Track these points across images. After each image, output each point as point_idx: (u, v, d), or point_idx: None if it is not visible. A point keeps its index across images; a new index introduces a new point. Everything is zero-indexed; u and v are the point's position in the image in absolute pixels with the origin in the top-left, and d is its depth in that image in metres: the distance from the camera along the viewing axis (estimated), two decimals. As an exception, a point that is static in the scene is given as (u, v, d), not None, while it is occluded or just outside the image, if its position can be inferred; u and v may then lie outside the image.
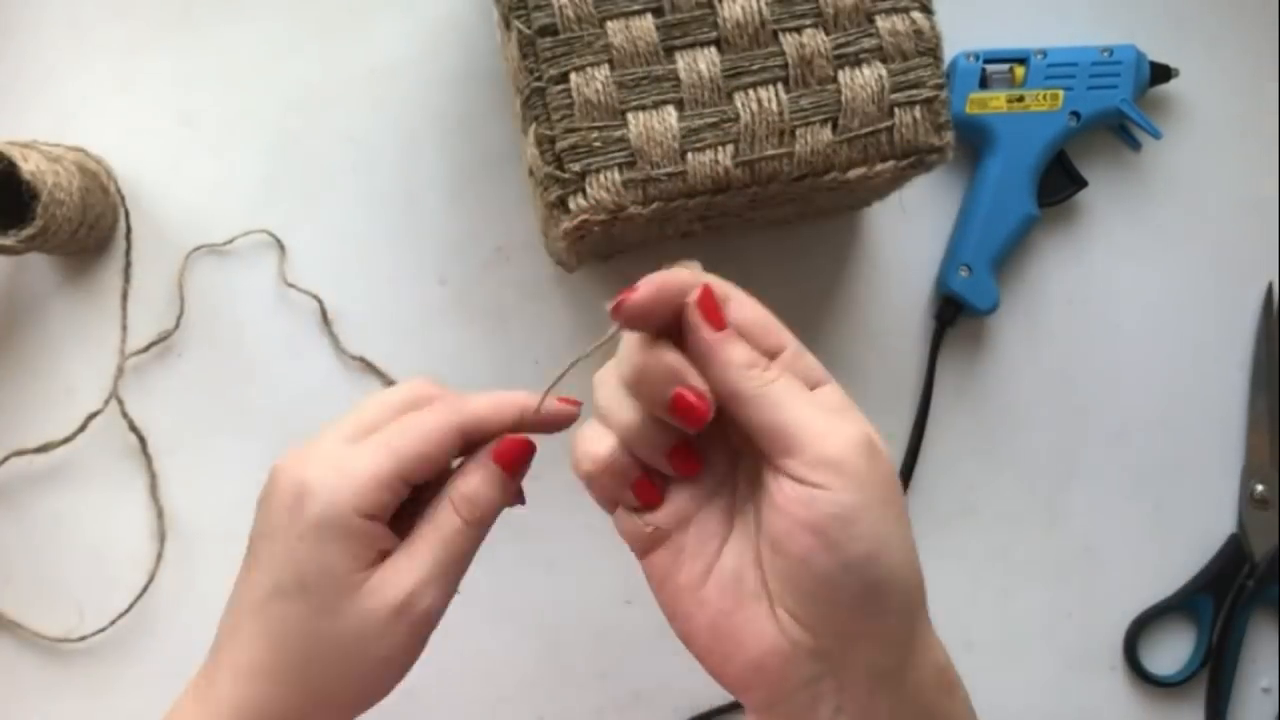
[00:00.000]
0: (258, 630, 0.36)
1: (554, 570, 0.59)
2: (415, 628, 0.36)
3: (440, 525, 0.37)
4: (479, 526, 0.38)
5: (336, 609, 0.35)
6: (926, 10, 0.48)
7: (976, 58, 0.60)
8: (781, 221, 0.59)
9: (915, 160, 0.48)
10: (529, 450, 0.39)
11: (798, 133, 0.47)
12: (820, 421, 0.33)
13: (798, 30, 0.47)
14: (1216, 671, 0.60)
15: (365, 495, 0.35)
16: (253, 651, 0.36)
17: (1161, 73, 0.61)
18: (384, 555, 0.37)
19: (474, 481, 0.37)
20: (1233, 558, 0.61)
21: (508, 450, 0.38)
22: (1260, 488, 0.61)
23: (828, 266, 0.61)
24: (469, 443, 0.38)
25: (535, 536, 0.59)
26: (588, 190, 0.46)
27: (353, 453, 0.36)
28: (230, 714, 0.36)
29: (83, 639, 0.57)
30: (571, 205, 0.46)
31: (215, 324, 0.59)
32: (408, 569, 0.36)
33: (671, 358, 0.34)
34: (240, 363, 0.59)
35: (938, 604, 0.36)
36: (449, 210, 0.60)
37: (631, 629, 0.58)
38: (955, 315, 0.60)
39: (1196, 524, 0.62)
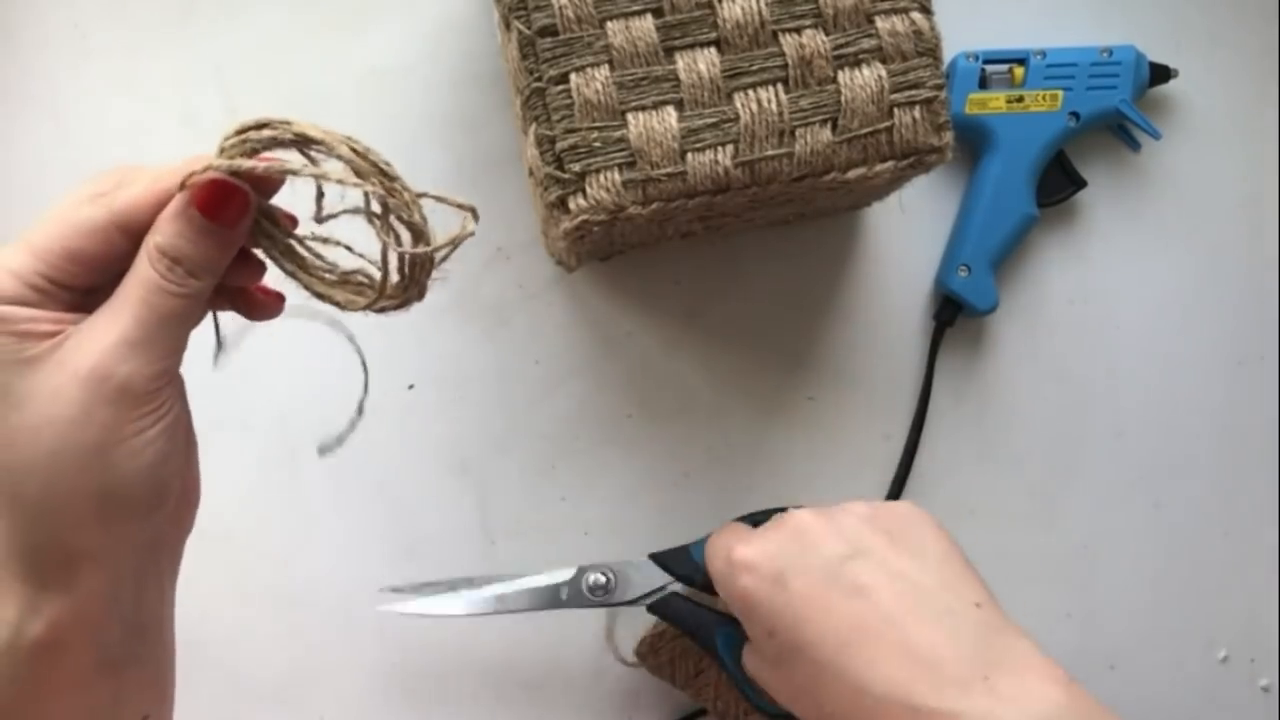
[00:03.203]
0: None
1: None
2: (123, 400, 0.31)
3: (139, 283, 0.32)
4: (187, 283, 0.32)
5: (16, 394, 0.30)
6: (926, 10, 0.48)
7: (976, 58, 0.60)
8: (781, 221, 0.59)
9: (915, 160, 0.48)
10: (232, 191, 0.33)
11: (798, 133, 0.47)
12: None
13: (797, 31, 0.47)
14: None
15: (1, 286, 0.31)
16: None
17: (1161, 73, 0.61)
18: (68, 326, 0.32)
19: (169, 231, 0.32)
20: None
21: (205, 194, 0.32)
22: (1260, 488, 0.61)
23: (828, 266, 0.61)
24: (136, 235, 0.33)
25: (535, 536, 0.59)
26: (588, 190, 0.46)
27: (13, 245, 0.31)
28: None
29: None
30: (571, 205, 0.46)
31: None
32: (99, 334, 0.31)
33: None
34: (241, 360, 0.59)
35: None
36: (449, 210, 0.60)
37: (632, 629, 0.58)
38: (955, 315, 0.60)
39: (1196, 524, 0.62)
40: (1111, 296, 0.62)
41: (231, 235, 0.33)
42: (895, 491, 0.60)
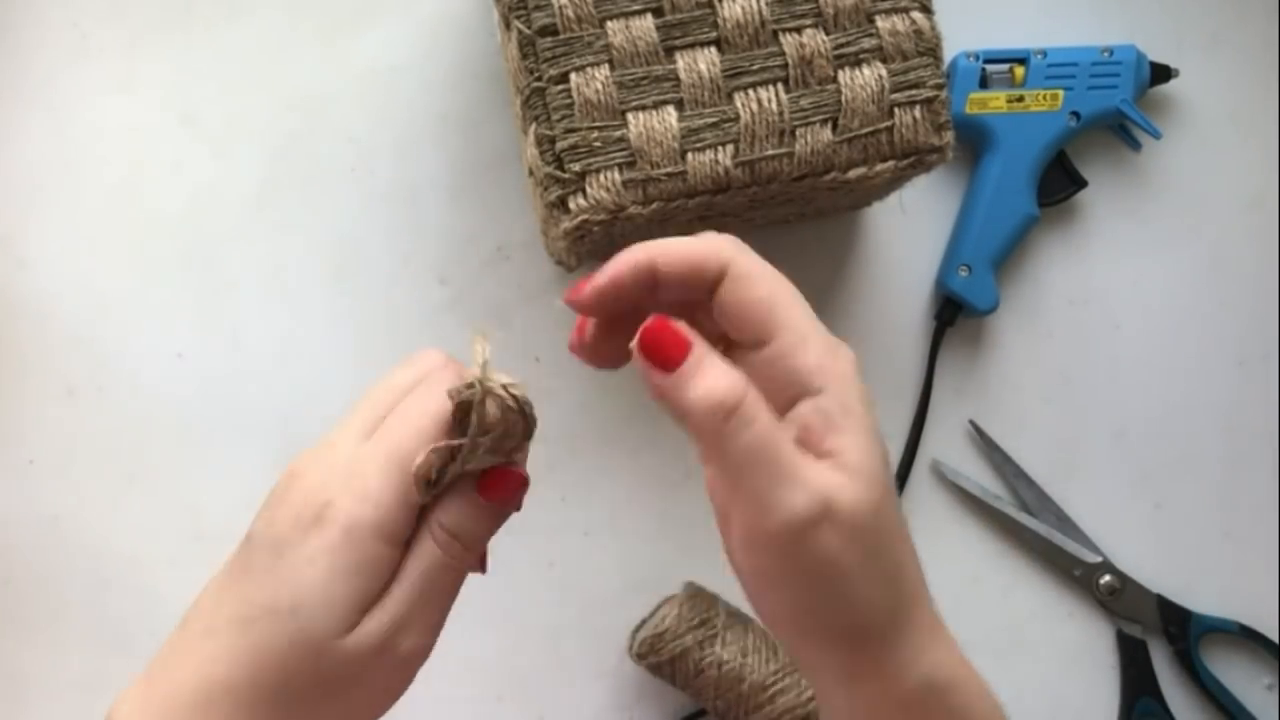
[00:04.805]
0: (240, 647, 0.32)
1: (554, 570, 0.59)
2: (398, 669, 0.33)
3: (421, 558, 0.33)
4: (463, 561, 0.34)
5: (321, 647, 0.32)
6: (926, 10, 0.48)
7: (976, 58, 0.60)
8: (781, 221, 0.59)
9: (915, 160, 0.48)
10: (521, 484, 0.35)
11: (798, 133, 0.47)
12: (773, 494, 0.33)
13: (798, 30, 0.47)
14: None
15: (390, 518, 0.32)
16: (230, 669, 0.32)
17: (1161, 73, 0.61)
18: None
19: (457, 515, 0.34)
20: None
21: (496, 484, 0.34)
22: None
23: (828, 266, 0.61)
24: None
25: (535, 536, 0.59)
26: (588, 190, 0.46)
27: (367, 463, 0.33)
28: None
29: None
30: (571, 205, 0.46)
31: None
32: (385, 606, 0.33)
33: None
34: (243, 360, 0.59)
35: (938, 604, 0.36)
36: (449, 210, 0.60)
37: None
38: (955, 315, 0.60)
39: (1196, 524, 0.62)
40: (1111, 296, 0.62)
41: (504, 516, 0.35)
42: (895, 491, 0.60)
